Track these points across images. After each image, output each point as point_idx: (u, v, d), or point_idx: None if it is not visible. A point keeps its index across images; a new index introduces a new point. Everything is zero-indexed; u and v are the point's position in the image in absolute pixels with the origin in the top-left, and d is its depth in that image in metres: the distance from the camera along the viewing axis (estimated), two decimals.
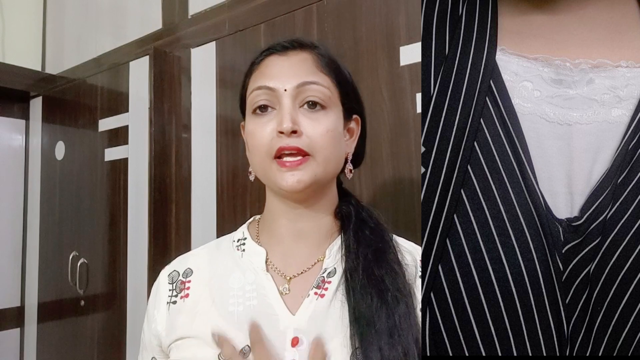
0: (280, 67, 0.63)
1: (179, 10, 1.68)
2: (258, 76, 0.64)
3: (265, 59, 0.65)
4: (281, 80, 0.61)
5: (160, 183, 1.62)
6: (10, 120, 2.21)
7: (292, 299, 0.63)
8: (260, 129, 0.62)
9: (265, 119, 0.62)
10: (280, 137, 0.60)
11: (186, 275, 0.68)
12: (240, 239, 0.70)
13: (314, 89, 0.61)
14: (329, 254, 0.65)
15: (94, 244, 1.87)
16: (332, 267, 0.64)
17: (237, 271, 0.66)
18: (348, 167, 0.68)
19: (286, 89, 0.61)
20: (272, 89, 0.61)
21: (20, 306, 2.17)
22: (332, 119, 0.62)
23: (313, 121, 0.61)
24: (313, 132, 0.60)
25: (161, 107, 1.63)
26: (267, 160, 0.61)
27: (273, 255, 0.67)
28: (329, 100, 0.63)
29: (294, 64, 0.63)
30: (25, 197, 2.22)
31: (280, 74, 0.62)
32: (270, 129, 0.61)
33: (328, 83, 0.63)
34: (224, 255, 0.69)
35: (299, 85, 0.61)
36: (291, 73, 0.62)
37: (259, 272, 0.65)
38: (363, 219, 0.67)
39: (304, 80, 0.61)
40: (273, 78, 0.62)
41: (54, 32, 2.27)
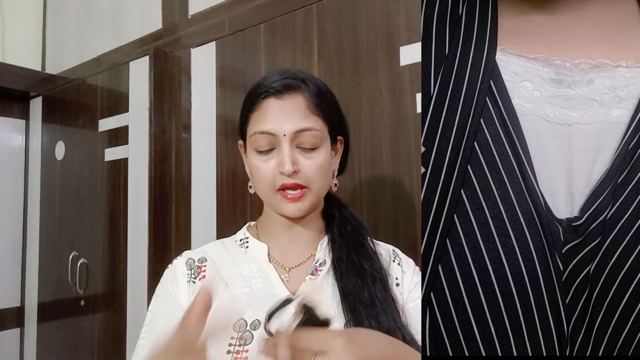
0: (278, 112, 0.72)
1: (179, 10, 1.68)
2: (259, 118, 0.73)
3: (263, 102, 0.73)
4: (280, 124, 0.71)
5: (160, 183, 1.62)
6: (10, 120, 2.21)
7: (291, 284, 0.75)
8: (264, 166, 0.73)
9: (267, 157, 0.73)
10: (282, 175, 0.71)
11: (202, 262, 0.78)
12: (243, 239, 0.81)
13: (309, 134, 0.72)
14: (319, 248, 0.79)
15: (94, 244, 1.87)
16: (322, 259, 0.77)
17: (243, 263, 0.77)
18: (333, 181, 0.79)
19: (285, 134, 0.71)
20: (272, 134, 0.71)
21: (20, 306, 2.17)
22: (322, 154, 0.73)
23: (308, 160, 0.72)
24: (309, 170, 0.72)
25: (161, 107, 1.63)
26: (271, 191, 0.73)
27: (273, 251, 0.78)
28: (321, 140, 0.73)
29: (290, 108, 0.72)
30: (25, 197, 2.22)
31: (279, 118, 0.71)
32: (273, 165, 0.72)
33: (319, 125, 0.73)
34: (230, 251, 0.80)
35: (296, 132, 0.71)
36: (288, 117, 0.71)
37: (262, 263, 0.77)
38: (345, 217, 0.80)
39: (300, 128, 0.71)
40: (273, 122, 0.71)
41: (54, 32, 2.27)
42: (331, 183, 0.78)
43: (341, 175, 0.82)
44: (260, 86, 0.74)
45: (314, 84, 0.75)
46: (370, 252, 0.76)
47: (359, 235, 0.77)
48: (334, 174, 0.79)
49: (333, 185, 0.79)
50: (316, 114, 0.73)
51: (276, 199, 0.73)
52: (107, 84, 1.87)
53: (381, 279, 0.73)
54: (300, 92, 0.73)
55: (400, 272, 0.78)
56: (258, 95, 0.74)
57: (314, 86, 0.75)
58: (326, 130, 0.74)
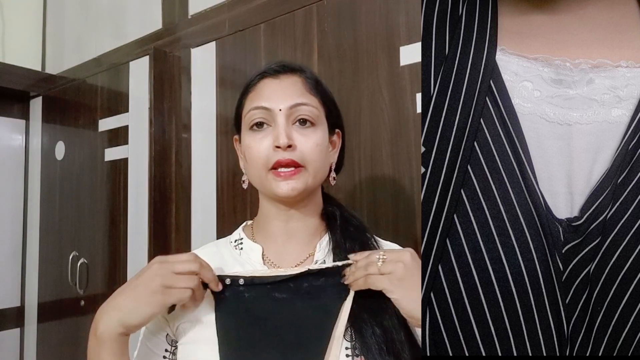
0: (274, 89, 0.71)
1: (179, 10, 1.68)
2: (254, 97, 0.72)
3: (260, 82, 0.73)
4: (276, 100, 0.70)
5: (160, 183, 1.62)
6: (10, 120, 2.21)
7: None
8: (257, 144, 0.70)
9: (261, 135, 0.70)
10: (276, 151, 0.68)
11: None
12: (237, 239, 0.78)
13: (305, 109, 0.70)
14: (318, 248, 0.75)
15: (94, 244, 1.87)
16: (321, 259, 0.74)
17: (237, 265, 0.74)
18: (332, 175, 0.77)
19: (281, 108, 0.69)
20: (268, 109, 0.70)
21: (20, 306, 2.17)
22: (320, 134, 0.71)
23: (304, 137, 0.70)
24: (305, 146, 0.69)
25: (161, 107, 1.63)
26: (264, 171, 0.70)
27: (268, 252, 0.75)
28: (317, 118, 0.72)
29: (286, 86, 0.72)
30: (25, 197, 2.22)
31: (275, 95, 0.71)
32: (267, 143, 0.69)
33: (316, 103, 0.72)
34: (224, 253, 0.77)
35: (292, 106, 0.70)
36: (284, 94, 0.71)
37: (256, 265, 0.74)
38: (347, 218, 0.77)
39: (296, 102, 0.70)
40: (268, 99, 0.70)
41: (54, 32, 2.27)
42: (329, 174, 0.76)
43: (341, 176, 0.82)
44: (256, 72, 0.75)
45: (309, 71, 0.76)
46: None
47: (363, 236, 0.75)
48: (332, 167, 0.76)
49: (331, 179, 0.77)
50: (312, 94, 0.72)
51: (268, 179, 0.69)
52: (107, 84, 1.87)
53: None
54: (297, 74, 0.73)
55: None
56: (254, 78, 0.74)
57: (310, 72, 0.75)
58: (323, 112, 0.73)
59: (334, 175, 0.77)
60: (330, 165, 0.76)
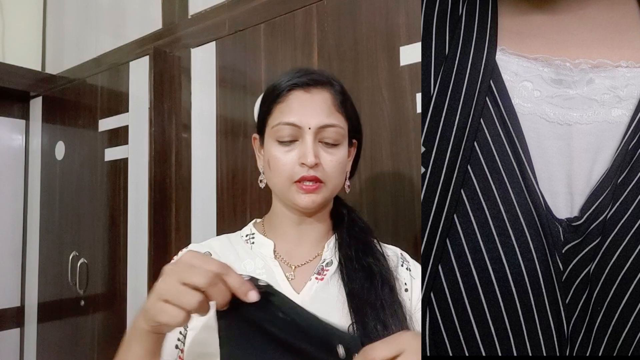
0: (305, 105, 0.72)
1: (179, 10, 1.68)
2: (284, 109, 0.73)
3: (290, 93, 0.73)
4: (306, 117, 0.71)
5: (160, 183, 1.62)
6: (10, 120, 2.21)
7: (296, 282, 0.74)
8: (284, 157, 0.72)
9: (288, 148, 0.72)
10: (302, 167, 0.71)
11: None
12: (249, 234, 0.81)
13: (332, 131, 0.72)
14: (327, 248, 0.78)
15: (94, 244, 1.87)
16: (329, 259, 0.76)
17: (248, 259, 0.76)
18: (346, 183, 0.79)
19: (310, 127, 0.71)
20: (298, 126, 0.71)
21: (20, 306, 2.17)
22: (342, 153, 0.74)
23: (329, 155, 0.72)
24: (328, 165, 0.72)
25: (161, 107, 1.63)
26: (288, 183, 0.72)
27: (279, 248, 0.78)
28: (342, 137, 0.74)
29: (317, 102, 0.73)
30: (25, 197, 2.22)
31: (305, 111, 0.72)
32: (293, 157, 0.72)
33: (342, 122, 0.74)
34: (236, 247, 0.79)
35: (321, 127, 0.71)
36: (314, 111, 0.72)
37: (267, 259, 0.76)
38: (353, 219, 0.79)
39: (325, 123, 0.72)
40: (299, 114, 0.72)
41: (54, 32, 2.27)
42: (344, 183, 0.78)
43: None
44: (287, 79, 0.74)
45: (338, 83, 0.77)
46: (378, 254, 0.76)
47: (367, 237, 0.77)
48: (347, 176, 0.79)
49: (346, 187, 0.79)
50: (340, 112, 0.74)
51: (292, 190, 0.72)
52: (107, 84, 1.87)
53: (389, 282, 0.72)
54: (327, 88, 0.74)
55: (410, 277, 0.77)
56: (285, 87, 0.74)
57: (338, 85, 0.76)
58: (347, 128, 0.75)
59: (349, 183, 0.80)
60: (345, 175, 0.78)
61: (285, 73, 0.77)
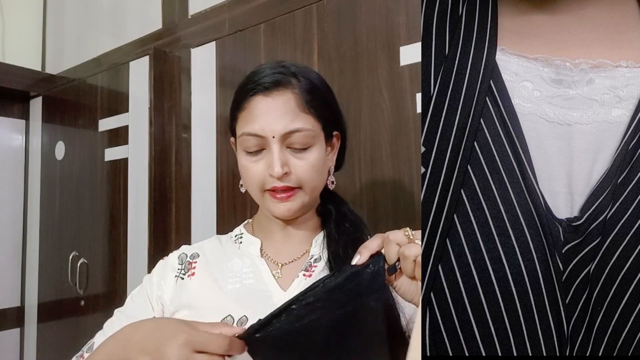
0: (266, 111, 0.68)
1: (179, 10, 1.68)
2: (247, 117, 0.70)
3: (252, 100, 0.70)
4: (269, 124, 0.68)
5: (160, 183, 1.62)
6: (10, 120, 2.21)
7: (283, 280, 0.73)
8: (253, 167, 0.70)
9: (256, 158, 0.70)
10: (272, 177, 0.68)
11: (193, 257, 0.78)
12: (238, 235, 0.81)
13: (299, 135, 0.68)
14: (314, 244, 0.76)
15: (94, 244, 1.87)
16: (317, 255, 0.75)
17: (236, 258, 0.76)
18: (330, 179, 0.76)
19: (274, 135, 0.68)
20: (261, 137, 0.68)
21: (20, 306, 2.17)
22: (315, 154, 0.70)
23: (300, 160, 0.69)
24: (300, 170, 0.69)
25: (161, 107, 1.63)
26: (260, 192, 0.71)
27: (267, 247, 0.77)
28: (313, 139, 0.70)
29: (278, 106, 0.68)
30: (25, 197, 2.22)
31: (267, 118, 0.68)
32: (262, 167, 0.69)
33: (311, 123, 0.70)
34: (225, 247, 0.80)
35: (286, 134, 0.68)
36: (277, 117, 0.68)
37: (254, 258, 0.76)
38: (343, 213, 0.76)
39: (290, 129, 0.68)
40: (261, 122, 0.68)
41: (54, 32, 2.27)
42: (327, 181, 0.75)
43: (341, 176, 0.82)
44: (248, 82, 0.71)
45: (306, 78, 0.71)
46: None
47: (358, 232, 0.74)
48: (330, 171, 0.76)
49: (330, 183, 0.76)
50: (307, 112, 0.69)
51: (265, 199, 0.71)
52: (107, 84, 1.87)
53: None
54: (290, 89, 0.69)
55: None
56: (246, 92, 0.71)
57: (306, 81, 0.71)
58: (319, 127, 0.71)
59: (333, 179, 0.76)
60: (328, 170, 0.75)
61: (252, 70, 0.73)
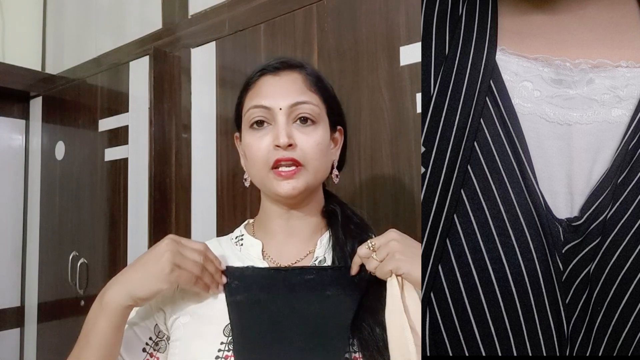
0: (274, 87, 0.70)
1: (179, 10, 1.68)
2: (254, 95, 0.71)
3: (260, 79, 0.72)
4: (276, 99, 0.69)
5: (160, 183, 1.62)
6: (10, 120, 2.21)
7: None
8: (257, 142, 0.70)
9: (261, 133, 0.70)
10: (277, 149, 0.68)
11: None
12: (239, 236, 0.79)
13: (305, 107, 0.69)
14: (319, 245, 0.75)
15: (94, 244, 1.87)
16: (322, 256, 0.73)
17: (237, 261, 0.74)
18: (334, 172, 0.76)
19: (281, 107, 0.69)
20: (268, 108, 0.69)
21: (20, 306, 2.17)
22: (320, 132, 0.71)
23: (305, 135, 0.69)
24: (306, 145, 0.69)
25: (161, 107, 1.63)
26: (265, 170, 0.69)
27: (269, 248, 0.75)
28: (318, 116, 0.71)
29: (286, 83, 0.71)
30: (25, 197, 2.22)
31: (275, 93, 0.70)
32: (267, 142, 0.69)
33: (317, 101, 0.71)
34: (225, 249, 0.77)
35: (292, 105, 0.69)
36: (284, 92, 0.70)
37: (256, 260, 0.74)
38: (348, 215, 0.76)
39: (297, 100, 0.69)
40: (268, 97, 0.70)
41: (54, 32, 2.26)
42: (331, 172, 0.75)
43: (341, 176, 0.81)
44: (256, 69, 0.73)
45: (311, 67, 0.75)
46: None
47: (364, 233, 0.74)
48: (334, 165, 0.76)
49: (334, 177, 0.76)
50: (313, 91, 0.71)
51: (269, 177, 0.69)
52: (107, 84, 1.87)
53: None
54: (298, 70, 0.72)
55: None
56: (254, 74, 0.72)
57: (311, 69, 0.74)
58: (324, 110, 0.72)
59: (337, 172, 0.77)
60: (332, 163, 0.75)
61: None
